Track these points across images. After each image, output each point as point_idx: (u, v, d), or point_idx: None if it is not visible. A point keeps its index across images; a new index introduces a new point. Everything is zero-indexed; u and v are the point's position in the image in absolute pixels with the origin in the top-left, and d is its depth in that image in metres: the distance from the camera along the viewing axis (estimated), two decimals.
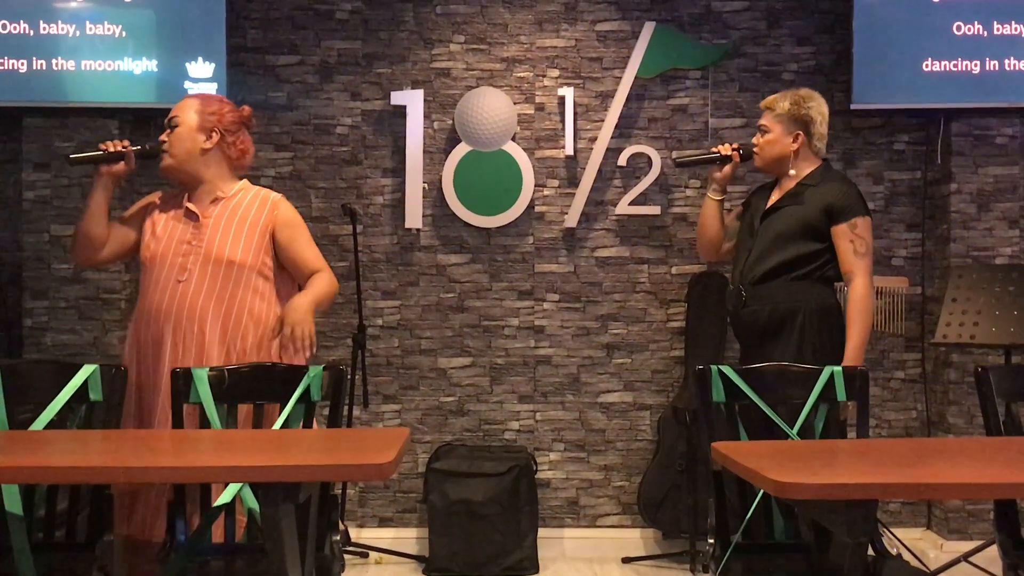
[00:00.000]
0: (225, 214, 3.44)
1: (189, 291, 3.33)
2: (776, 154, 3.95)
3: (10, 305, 4.79)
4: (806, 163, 3.94)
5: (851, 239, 3.80)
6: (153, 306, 3.35)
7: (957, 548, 4.47)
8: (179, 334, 3.30)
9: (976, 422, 4.59)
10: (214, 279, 3.34)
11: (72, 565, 2.77)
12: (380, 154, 4.99)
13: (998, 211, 4.78)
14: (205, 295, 3.33)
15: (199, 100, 3.53)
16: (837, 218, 3.81)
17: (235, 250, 3.38)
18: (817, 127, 3.92)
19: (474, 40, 5.00)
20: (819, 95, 3.99)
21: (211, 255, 3.36)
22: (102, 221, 3.47)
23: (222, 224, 3.41)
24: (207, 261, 3.35)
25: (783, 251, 3.85)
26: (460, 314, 5.00)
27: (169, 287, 3.34)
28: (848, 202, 3.82)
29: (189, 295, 3.33)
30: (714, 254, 4.27)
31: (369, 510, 4.99)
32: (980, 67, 4.69)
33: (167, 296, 3.33)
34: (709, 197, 4.14)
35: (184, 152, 3.45)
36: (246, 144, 3.57)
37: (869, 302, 3.79)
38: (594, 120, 4.97)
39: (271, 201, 3.50)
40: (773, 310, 3.84)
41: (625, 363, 5.00)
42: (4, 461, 2.26)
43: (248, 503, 2.89)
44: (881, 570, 2.88)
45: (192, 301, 3.32)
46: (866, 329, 3.78)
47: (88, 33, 4.65)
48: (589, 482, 5.00)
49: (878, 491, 2.17)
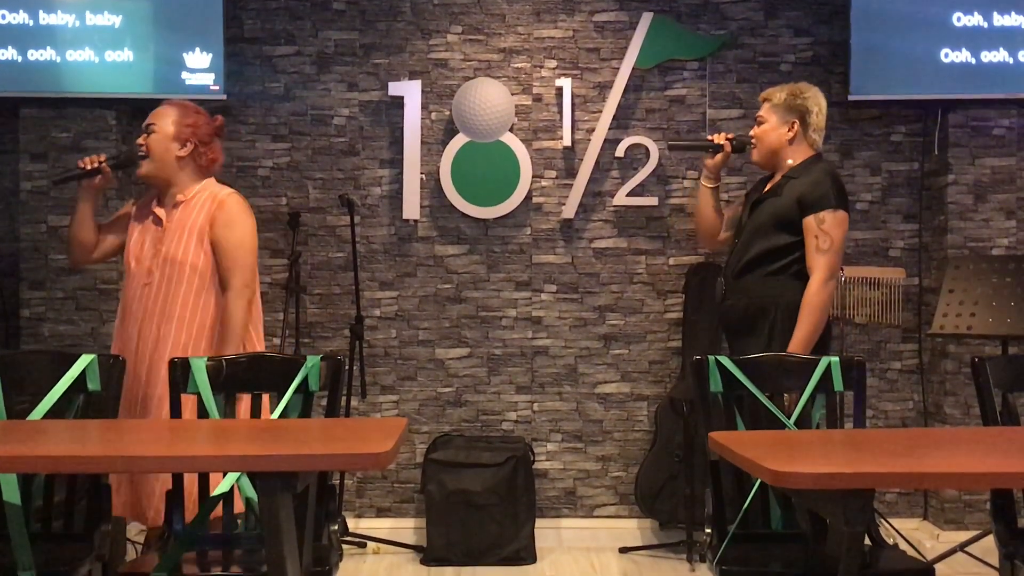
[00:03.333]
0: (181, 217, 3.57)
1: (151, 293, 3.51)
2: (772, 143, 3.91)
3: (7, 296, 4.79)
4: (800, 155, 3.89)
5: (816, 234, 3.71)
6: (125, 307, 3.58)
7: (954, 538, 4.48)
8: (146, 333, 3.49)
9: (973, 412, 4.59)
10: (169, 281, 3.51)
11: (70, 555, 2.77)
12: (378, 145, 4.99)
13: (995, 202, 4.78)
14: (163, 297, 3.50)
15: (177, 110, 3.66)
16: (806, 210, 3.73)
17: (186, 252, 3.52)
18: (813, 118, 3.88)
19: (472, 31, 4.99)
20: (818, 89, 3.97)
21: (167, 258, 3.52)
22: (89, 227, 3.68)
23: (177, 228, 3.55)
24: (165, 263, 3.51)
25: (759, 244, 3.82)
26: (458, 305, 5.00)
27: (139, 289, 3.54)
28: (819, 194, 3.73)
29: (151, 297, 3.51)
30: (712, 242, 4.28)
31: (367, 500, 5.00)
32: (978, 58, 4.69)
33: (137, 296, 3.54)
34: (702, 184, 4.14)
35: (159, 157, 3.60)
36: (216, 153, 3.71)
37: (820, 299, 3.67)
38: (592, 111, 4.97)
39: (217, 199, 3.59)
40: (748, 305, 3.82)
41: (622, 354, 5.00)
42: (2, 451, 2.26)
43: (246, 492, 2.90)
44: (878, 560, 2.89)
45: (153, 303, 3.51)
46: (812, 327, 3.67)
47: (87, 23, 4.64)
48: (586, 472, 5.01)
49: (875, 480, 2.18)
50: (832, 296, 3.78)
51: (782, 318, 3.75)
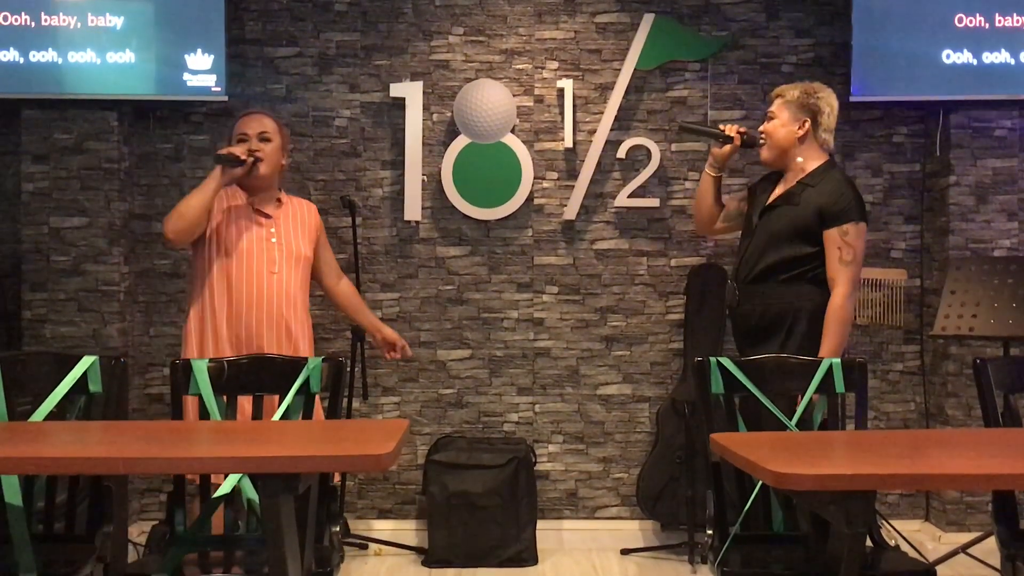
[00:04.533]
0: (288, 215, 3.99)
1: (281, 280, 3.87)
2: (781, 140, 3.89)
3: (9, 297, 4.79)
4: (811, 154, 3.88)
5: (839, 246, 3.72)
6: (248, 295, 3.83)
7: (955, 540, 4.48)
8: (271, 322, 3.83)
9: (974, 414, 4.59)
10: (292, 270, 3.91)
11: (72, 557, 2.77)
12: (379, 146, 4.99)
13: (997, 203, 4.78)
14: (288, 285, 3.88)
15: (275, 122, 4.04)
16: (829, 222, 3.74)
17: (299, 246, 3.95)
18: (825, 118, 3.87)
19: (473, 32, 4.99)
20: (831, 90, 3.96)
21: (291, 249, 3.92)
22: (208, 213, 3.86)
23: (290, 224, 3.97)
24: (289, 254, 3.91)
25: (776, 252, 3.81)
26: (459, 306, 5.00)
27: (264, 277, 3.84)
28: (842, 206, 3.74)
29: (282, 284, 3.87)
30: (707, 229, 4.34)
31: (368, 501, 5.00)
32: (980, 59, 4.69)
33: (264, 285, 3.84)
34: (706, 172, 4.17)
35: (274, 165, 3.96)
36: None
37: (845, 313, 3.71)
38: (593, 112, 4.97)
39: (312, 208, 4.13)
40: (764, 311, 3.82)
41: (624, 355, 5.00)
42: (4, 452, 2.26)
43: (247, 494, 2.90)
44: (879, 561, 2.89)
45: (280, 290, 3.86)
46: (840, 339, 3.70)
47: (89, 25, 4.64)
48: (588, 474, 5.01)
49: (876, 482, 2.18)
50: (855, 307, 3.89)
51: (800, 324, 3.76)
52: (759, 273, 3.84)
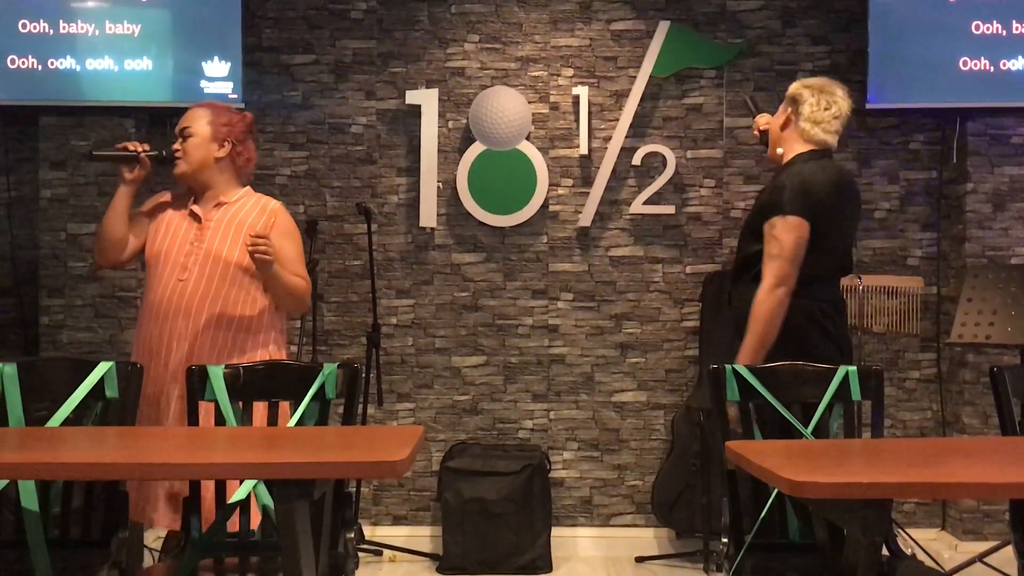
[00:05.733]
0: (226, 218, 3.55)
1: (187, 289, 3.45)
2: (772, 133, 3.72)
3: (27, 303, 4.82)
4: (791, 146, 3.65)
5: (768, 240, 3.49)
6: (156, 303, 3.48)
7: (972, 549, 4.45)
8: (176, 329, 3.44)
9: (991, 422, 4.57)
10: (211, 278, 3.47)
11: (87, 562, 2.78)
12: (395, 153, 5.00)
13: (1014, 211, 4.76)
14: (201, 293, 3.46)
15: (209, 110, 3.63)
16: (766, 216, 3.52)
17: (232, 251, 3.49)
18: (805, 107, 3.61)
19: (489, 39, 5.00)
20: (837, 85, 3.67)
21: (210, 254, 3.48)
22: (124, 223, 3.57)
23: (222, 227, 3.53)
24: (206, 260, 3.47)
25: (741, 251, 3.67)
26: (474, 313, 5.01)
27: (171, 284, 3.47)
28: (774, 199, 3.50)
29: (187, 293, 3.45)
30: None
31: (383, 508, 5.00)
32: (997, 66, 4.67)
33: (168, 293, 3.46)
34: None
35: (199, 160, 3.56)
36: (251, 152, 3.69)
37: (764, 308, 3.42)
38: (608, 119, 4.97)
39: (270, 208, 3.62)
40: (738, 312, 3.62)
41: (639, 362, 5.00)
42: (21, 457, 2.27)
43: (262, 500, 2.90)
44: (895, 570, 2.87)
45: (190, 298, 3.45)
46: (757, 339, 3.43)
47: (107, 32, 4.67)
48: (603, 481, 5.00)
49: (893, 490, 2.17)
50: (783, 305, 3.43)
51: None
52: (734, 273, 3.74)
